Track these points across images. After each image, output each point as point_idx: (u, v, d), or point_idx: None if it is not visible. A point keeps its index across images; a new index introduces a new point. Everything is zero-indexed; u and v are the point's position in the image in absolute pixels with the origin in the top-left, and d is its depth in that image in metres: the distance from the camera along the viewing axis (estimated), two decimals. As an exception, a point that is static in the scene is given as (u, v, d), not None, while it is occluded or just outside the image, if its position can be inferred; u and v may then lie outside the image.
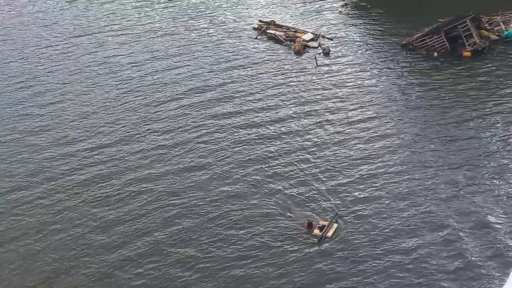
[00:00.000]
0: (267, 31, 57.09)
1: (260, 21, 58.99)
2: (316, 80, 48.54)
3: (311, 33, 56.05)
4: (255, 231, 33.31)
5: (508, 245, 31.75)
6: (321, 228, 32.94)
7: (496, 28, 53.69)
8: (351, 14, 60.83)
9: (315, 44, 54.43)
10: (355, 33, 56.46)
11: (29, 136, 42.43)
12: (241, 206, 35.23)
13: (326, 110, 44.36)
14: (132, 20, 61.29)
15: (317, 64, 51.09)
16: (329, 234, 32.72)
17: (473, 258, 30.99)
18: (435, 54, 51.30)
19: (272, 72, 50.08)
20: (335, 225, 33.22)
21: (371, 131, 41.68)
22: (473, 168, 37.35)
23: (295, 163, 38.80)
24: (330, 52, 52.80)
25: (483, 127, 41.38)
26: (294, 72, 49.96)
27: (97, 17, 62.14)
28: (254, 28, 58.05)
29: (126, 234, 33.60)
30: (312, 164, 38.62)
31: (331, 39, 55.16)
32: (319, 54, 52.78)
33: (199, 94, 47.04)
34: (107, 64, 52.50)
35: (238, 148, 40.40)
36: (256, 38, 56.25)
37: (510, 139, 40.00)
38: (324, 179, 37.14)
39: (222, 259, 31.67)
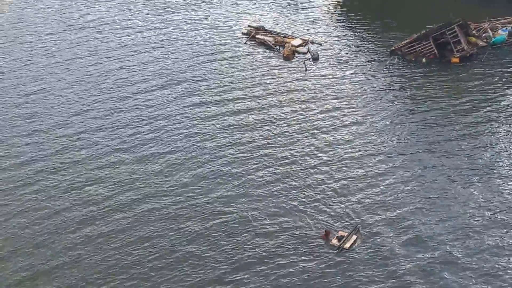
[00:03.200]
0: (256, 36, 57.13)
1: (249, 26, 59.02)
2: (305, 85, 48.64)
3: (300, 38, 56.15)
4: (267, 238, 32.97)
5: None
6: (340, 239, 32.08)
7: (484, 35, 54.05)
8: (341, 20, 61.03)
9: (304, 49, 54.51)
10: (344, 39, 56.63)
11: None
12: (255, 211, 34.94)
13: (319, 116, 44.29)
14: (125, 14, 62.42)
15: (306, 69, 51.16)
16: (347, 245, 31.85)
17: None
18: (424, 60, 51.55)
19: (262, 77, 50.11)
20: (354, 237, 32.31)
21: (363, 135, 41.78)
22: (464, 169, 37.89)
23: (303, 168, 38.53)
24: (319, 58, 52.92)
25: (472, 132, 41.68)
26: (283, 77, 50.00)
27: (80, 12, 63.06)
28: (243, 33, 58.06)
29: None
30: (322, 170, 38.27)
31: (321, 44, 55.29)
32: (308, 59, 52.88)
33: (186, 96, 47.23)
34: (87, 58, 54.21)
35: (241, 150, 40.45)
36: (245, 43, 56.27)
37: (496, 143, 40.29)
38: (336, 186, 36.86)
39: (235, 263, 31.45)
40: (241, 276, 30.68)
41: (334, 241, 32.08)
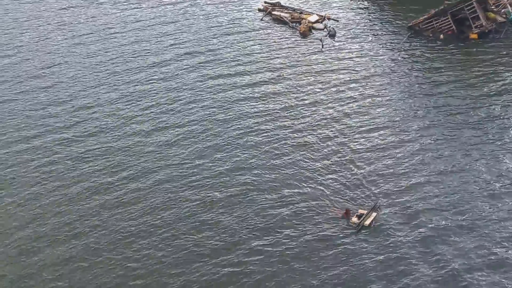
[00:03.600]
0: (273, 12, 56.82)
1: (265, 2, 58.69)
2: (322, 60, 48.35)
3: (317, 14, 55.76)
4: (283, 208, 32.96)
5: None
6: (360, 217, 31.93)
7: (503, 10, 53.37)
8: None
9: (321, 26, 54.16)
10: (361, 15, 56.22)
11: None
12: (271, 182, 34.87)
13: (335, 89, 44.13)
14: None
15: (323, 46, 50.81)
16: (367, 223, 31.70)
17: None
18: (441, 36, 51.04)
19: (278, 52, 49.90)
20: (374, 214, 32.16)
21: (379, 107, 41.63)
22: (478, 147, 37.41)
23: (319, 139, 38.49)
24: (336, 34, 52.54)
25: (488, 106, 41.27)
26: (300, 53, 49.75)
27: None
28: (259, 9, 57.77)
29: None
30: (338, 141, 38.24)
31: (337, 21, 54.90)
32: (325, 36, 52.53)
33: (202, 70, 47.12)
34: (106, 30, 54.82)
35: (257, 122, 40.46)
36: (261, 20, 56.01)
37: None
38: (352, 157, 36.74)
39: (250, 232, 31.50)
40: (256, 244, 30.79)
41: (354, 219, 32.02)
